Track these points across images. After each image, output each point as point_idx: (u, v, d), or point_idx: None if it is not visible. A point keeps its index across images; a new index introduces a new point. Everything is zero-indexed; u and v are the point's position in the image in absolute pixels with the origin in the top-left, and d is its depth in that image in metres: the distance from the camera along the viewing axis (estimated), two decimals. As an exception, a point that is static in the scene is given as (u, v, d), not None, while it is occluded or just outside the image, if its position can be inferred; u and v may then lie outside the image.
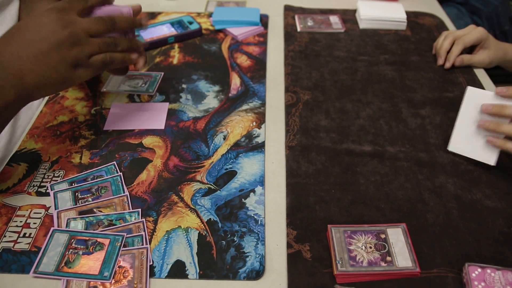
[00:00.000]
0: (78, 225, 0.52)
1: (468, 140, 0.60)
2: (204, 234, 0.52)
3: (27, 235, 0.52)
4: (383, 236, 0.50)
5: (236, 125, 0.67)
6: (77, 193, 0.56)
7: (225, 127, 0.67)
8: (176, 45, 0.87)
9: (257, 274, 0.48)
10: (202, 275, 0.48)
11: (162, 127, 0.67)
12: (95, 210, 0.54)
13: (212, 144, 0.64)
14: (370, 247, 0.49)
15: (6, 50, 0.51)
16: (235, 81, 0.77)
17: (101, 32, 0.56)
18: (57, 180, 0.58)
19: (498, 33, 1.30)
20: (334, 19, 0.95)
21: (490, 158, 0.59)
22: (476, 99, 0.59)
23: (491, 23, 1.28)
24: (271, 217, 0.55)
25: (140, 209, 0.54)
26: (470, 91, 0.59)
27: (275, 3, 1.02)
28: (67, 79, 0.54)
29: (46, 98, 0.73)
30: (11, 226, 0.53)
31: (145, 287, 0.46)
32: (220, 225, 0.53)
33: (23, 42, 0.52)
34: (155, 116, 0.69)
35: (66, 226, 0.52)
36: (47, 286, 0.47)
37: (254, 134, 0.66)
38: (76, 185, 0.57)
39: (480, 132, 0.59)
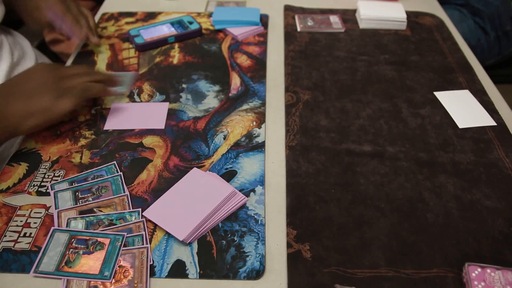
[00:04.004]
0: (78, 224, 0.52)
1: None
2: (204, 233, 0.52)
3: (27, 234, 0.52)
4: None
5: (236, 125, 0.68)
6: (77, 193, 0.56)
7: (225, 127, 0.67)
8: (176, 45, 0.87)
9: (257, 273, 0.48)
10: (202, 275, 0.48)
11: (162, 126, 0.67)
12: (95, 209, 0.54)
13: (212, 144, 0.64)
14: None
15: None
16: (235, 81, 0.77)
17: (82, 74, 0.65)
18: (57, 180, 0.58)
19: (500, 34, 1.30)
20: (334, 19, 0.95)
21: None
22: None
23: (493, 24, 1.28)
24: (271, 216, 0.55)
25: (140, 209, 0.54)
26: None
27: (275, 3, 1.02)
28: (50, 108, 0.59)
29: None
30: (12, 226, 0.53)
31: (145, 286, 0.46)
32: (220, 224, 0.53)
33: (13, 83, 0.60)
34: (155, 116, 0.69)
35: (67, 226, 0.52)
36: (47, 286, 0.47)
37: (254, 134, 0.66)
38: (76, 184, 0.57)
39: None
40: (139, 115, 0.69)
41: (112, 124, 0.68)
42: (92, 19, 0.84)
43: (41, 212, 0.54)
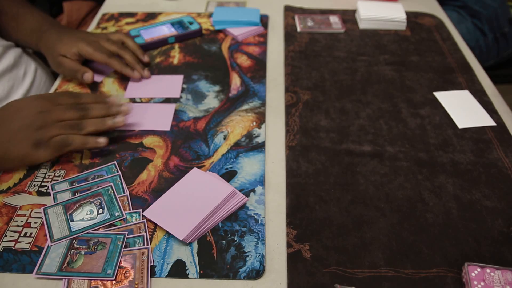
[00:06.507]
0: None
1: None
2: (204, 233, 0.52)
3: (27, 234, 0.52)
4: None
5: (236, 125, 0.68)
6: (77, 193, 0.56)
7: (225, 127, 0.67)
8: (177, 45, 0.87)
9: (257, 273, 0.48)
10: (203, 275, 0.48)
11: (168, 128, 0.67)
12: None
13: (212, 144, 0.64)
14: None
15: None
16: (235, 81, 0.77)
17: (72, 119, 0.60)
18: (57, 180, 0.58)
19: (498, 36, 1.30)
20: (334, 19, 0.95)
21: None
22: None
23: (491, 26, 1.28)
24: (271, 216, 0.55)
25: (140, 210, 0.54)
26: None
27: (275, 3, 1.02)
28: (26, 157, 0.58)
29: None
30: (12, 226, 0.53)
31: (146, 287, 0.46)
32: (220, 224, 0.53)
33: (1, 119, 0.58)
34: (161, 118, 0.68)
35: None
36: (48, 286, 0.47)
37: (254, 134, 0.66)
38: (76, 185, 0.57)
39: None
40: (144, 116, 0.69)
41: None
42: (137, 49, 0.79)
43: (41, 212, 0.54)
